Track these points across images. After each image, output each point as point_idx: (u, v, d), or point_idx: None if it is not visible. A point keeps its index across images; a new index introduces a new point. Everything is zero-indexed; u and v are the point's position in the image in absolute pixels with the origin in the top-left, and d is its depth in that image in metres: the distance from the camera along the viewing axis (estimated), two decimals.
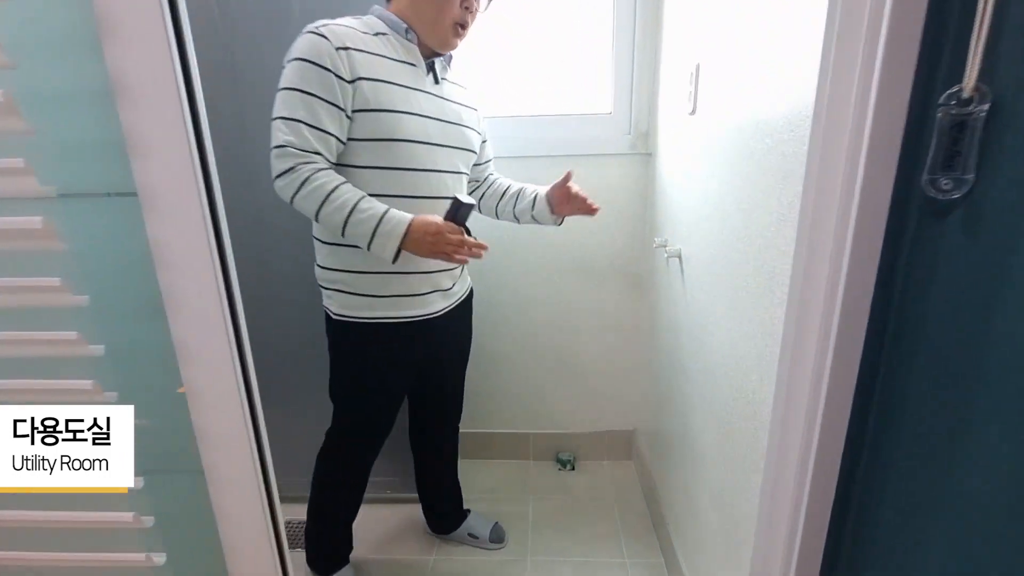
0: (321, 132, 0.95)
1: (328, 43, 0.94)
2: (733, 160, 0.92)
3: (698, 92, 1.13)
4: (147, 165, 0.51)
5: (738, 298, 0.91)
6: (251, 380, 0.62)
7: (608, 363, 1.82)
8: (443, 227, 0.98)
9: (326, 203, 0.96)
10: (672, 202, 1.37)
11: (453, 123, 1.11)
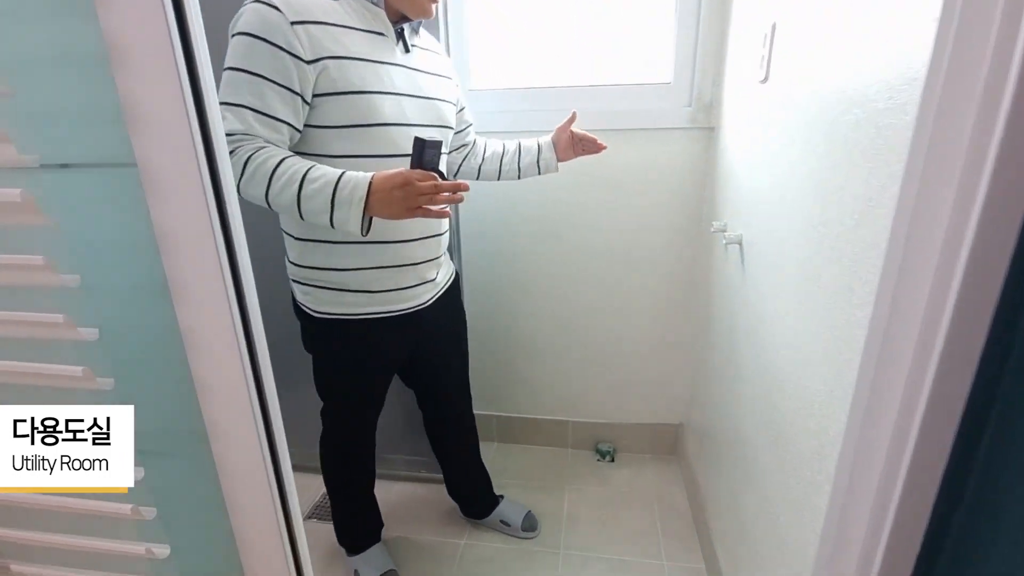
0: (270, 119, 0.83)
1: (280, 15, 0.80)
2: (810, 134, 0.80)
3: (772, 56, 0.99)
4: (146, 137, 0.46)
5: (808, 293, 0.79)
6: (261, 368, 0.58)
7: (655, 352, 1.72)
8: (411, 175, 0.80)
9: (273, 182, 0.81)
10: (735, 183, 1.23)
11: (430, 98, 1.00)
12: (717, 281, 1.37)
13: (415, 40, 1.01)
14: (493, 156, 1.28)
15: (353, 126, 0.89)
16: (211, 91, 0.48)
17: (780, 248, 0.91)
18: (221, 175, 0.49)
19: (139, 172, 0.47)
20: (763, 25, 1.03)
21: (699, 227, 1.55)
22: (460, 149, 1.28)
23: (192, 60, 0.45)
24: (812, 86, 0.80)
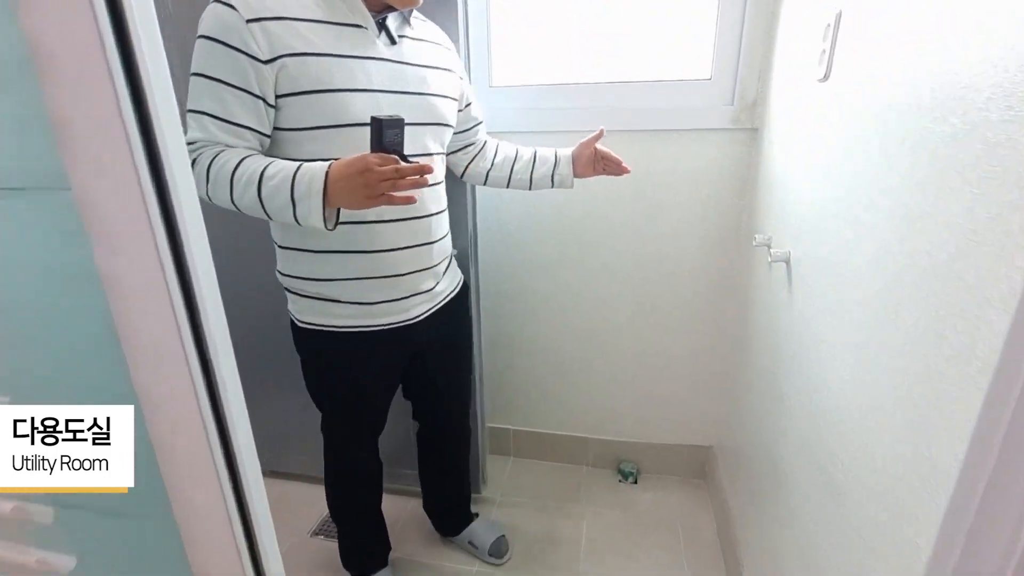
0: (232, 125, 0.79)
1: (236, 14, 0.75)
2: (887, 145, 0.67)
3: (835, 51, 0.86)
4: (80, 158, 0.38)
5: (878, 332, 0.67)
6: (222, 396, 0.49)
7: (684, 369, 1.60)
8: (370, 161, 0.73)
9: (234, 184, 0.77)
10: (782, 192, 1.11)
11: (417, 93, 0.90)
12: (757, 300, 1.25)
13: (405, 31, 0.92)
14: (504, 161, 1.18)
15: (321, 127, 0.82)
16: (162, 104, 0.39)
17: (840, 273, 0.79)
18: (176, 207, 0.40)
19: (74, 198, 0.38)
20: (824, 14, 0.90)
21: (737, 238, 1.42)
22: (466, 149, 1.18)
23: (133, 66, 0.36)
24: (890, 87, 0.68)
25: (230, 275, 1.44)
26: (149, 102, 0.38)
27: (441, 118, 0.96)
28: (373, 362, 1.03)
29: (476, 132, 1.16)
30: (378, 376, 1.07)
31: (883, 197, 0.68)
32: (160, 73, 0.39)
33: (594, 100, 1.38)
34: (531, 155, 1.18)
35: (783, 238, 1.07)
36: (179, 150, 0.41)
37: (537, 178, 1.17)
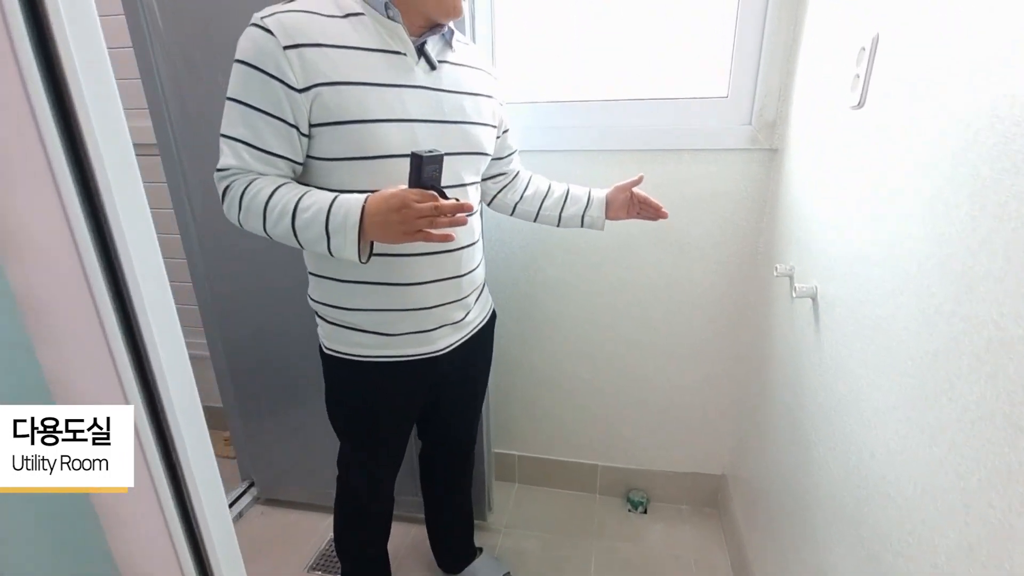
0: (266, 154, 0.78)
1: (273, 40, 0.73)
2: (942, 189, 0.61)
3: (871, 77, 0.79)
4: None
5: (924, 400, 0.61)
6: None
7: (698, 395, 1.53)
8: (408, 196, 0.72)
9: (267, 214, 0.77)
10: (808, 221, 1.04)
11: (453, 122, 0.87)
12: (778, 332, 1.18)
13: (446, 55, 0.88)
14: (534, 196, 1.13)
15: (354, 158, 0.80)
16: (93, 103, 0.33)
17: (880, 327, 0.73)
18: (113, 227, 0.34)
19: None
20: (858, 37, 0.83)
21: (755, 264, 1.36)
22: (496, 178, 1.12)
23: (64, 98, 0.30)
24: (942, 122, 0.61)
25: (255, 300, 1.42)
26: (91, 159, 0.32)
27: (478, 147, 0.92)
28: (395, 393, 1.01)
29: (509, 161, 1.11)
30: (399, 407, 1.04)
31: (935, 248, 0.61)
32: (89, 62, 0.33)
33: (605, 118, 1.32)
34: (563, 192, 1.12)
35: (808, 271, 1.01)
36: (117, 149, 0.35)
37: (566, 217, 1.11)
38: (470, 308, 1.01)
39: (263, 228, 0.79)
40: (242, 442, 1.69)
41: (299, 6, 0.77)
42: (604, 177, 1.33)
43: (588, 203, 1.10)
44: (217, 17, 1.20)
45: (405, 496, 1.50)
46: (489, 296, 1.12)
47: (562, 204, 1.11)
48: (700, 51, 1.26)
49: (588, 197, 1.11)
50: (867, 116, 0.80)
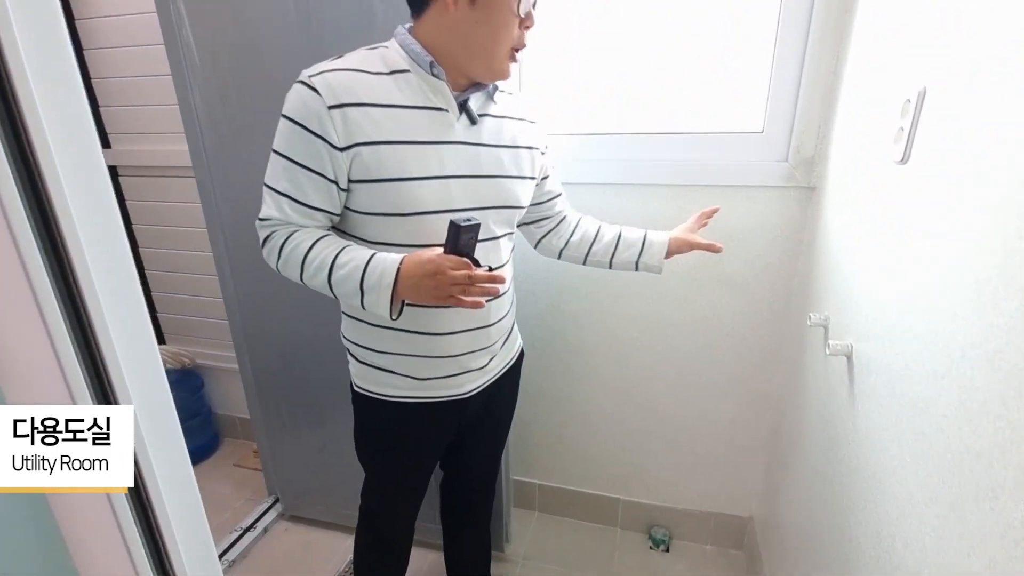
0: (306, 207, 0.81)
1: (319, 100, 0.75)
2: (992, 271, 0.55)
3: (917, 132, 0.73)
4: None
5: (965, 503, 0.56)
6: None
7: (724, 434, 1.48)
8: (443, 263, 0.74)
9: (305, 266, 0.81)
10: (846, 272, 0.98)
11: (490, 176, 0.87)
12: (810, 383, 1.12)
13: (488, 108, 0.89)
14: (581, 241, 1.09)
15: (389, 214, 0.82)
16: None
17: (916, 405, 0.67)
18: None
19: None
20: (902, 89, 0.77)
21: (789, 304, 1.29)
22: (540, 222, 1.10)
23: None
24: (995, 197, 0.55)
25: (282, 318, 1.46)
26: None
27: (512, 201, 0.91)
28: (421, 433, 1.02)
29: (553, 205, 1.08)
30: (425, 446, 1.05)
31: (980, 338, 0.56)
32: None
33: (634, 151, 1.28)
34: (614, 236, 1.07)
35: (844, 325, 0.95)
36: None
37: (619, 262, 1.07)
38: (496, 353, 1.00)
39: (300, 278, 0.83)
40: (268, 456, 1.73)
41: (346, 63, 0.79)
42: (633, 211, 1.30)
43: (643, 248, 1.05)
44: (247, 56, 1.23)
45: (425, 523, 1.51)
46: (518, 337, 1.11)
47: (613, 249, 1.07)
48: (734, 84, 1.21)
49: (643, 242, 1.05)
50: (911, 174, 0.75)
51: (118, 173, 1.85)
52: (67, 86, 0.40)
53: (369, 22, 1.11)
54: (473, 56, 0.81)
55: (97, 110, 1.78)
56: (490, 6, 0.77)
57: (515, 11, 0.77)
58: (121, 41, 1.67)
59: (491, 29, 0.79)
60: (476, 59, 0.81)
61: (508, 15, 0.78)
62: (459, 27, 0.79)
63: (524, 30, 0.80)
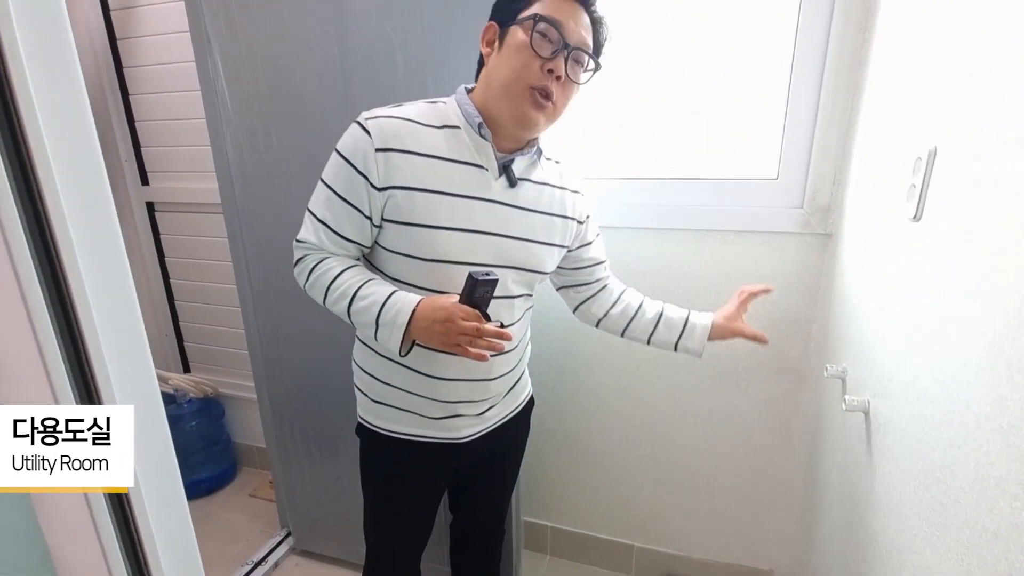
0: (340, 237, 0.86)
1: (369, 141, 0.81)
2: (1004, 342, 0.53)
3: (928, 190, 0.73)
4: None
5: None
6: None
7: (743, 483, 1.43)
8: (454, 312, 0.78)
9: (329, 292, 0.86)
10: (862, 321, 0.96)
11: (517, 238, 0.89)
12: (829, 435, 1.09)
13: (531, 173, 0.91)
14: (621, 316, 1.08)
15: (412, 257, 0.86)
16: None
17: (933, 474, 0.65)
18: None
19: None
20: (913, 146, 0.77)
21: (807, 350, 1.27)
22: (579, 288, 1.09)
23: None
24: (1008, 269, 0.54)
25: (300, 353, 1.49)
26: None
27: (536, 265, 0.93)
28: (418, 471, 1.03)
29: (592, 272, 1.07)
30: (422, 485, 1.05)
31: (994, 412, 0.54)
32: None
33: (648, 196, 1.29)
34: (655, 314, 1.06)
35: (861, 380, 0.92)
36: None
37: (657, 341, 1.06)
38: (495, 404, 1.01)
39: (323, 301, 0.88)
40: (282, 488, 1.74)
41: (402, 112, 0.84)
42: (649, 254, 1.31)
43: (684, 331, 1.04)
44: (276, 103, 1.30)
45: (434, 564, 1.49)
46: (527, 386, 1.10)
47: (652, 329, 1.05)
48: (749, 131, 1.22)
49: (685, 324, 1.04)
50: (924, 232, 0.73)
51: (154, 208, 1.94)
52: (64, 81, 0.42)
53: (391, 72, 1.17)
54: (499, 99, 0.83)
55: (139, 151, 1.88)
56: (510, 44, 0.81)
57: (529, 46, 0.79)
58: (162, 88, 1.77)
59: (511, 68, 0.81)
60: (501, 102, 0.83)
61: (525, 52, 0.80)
62: (492, 72, 0.84)
63: (547, 73, 0.80)
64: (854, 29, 1.05)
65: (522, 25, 0.80)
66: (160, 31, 1.72)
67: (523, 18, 0.80)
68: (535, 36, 0.79)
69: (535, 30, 0.79)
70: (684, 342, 1.04)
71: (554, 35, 0.79)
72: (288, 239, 0.98)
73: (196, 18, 1.30)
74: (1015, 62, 0.55)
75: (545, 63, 0.80)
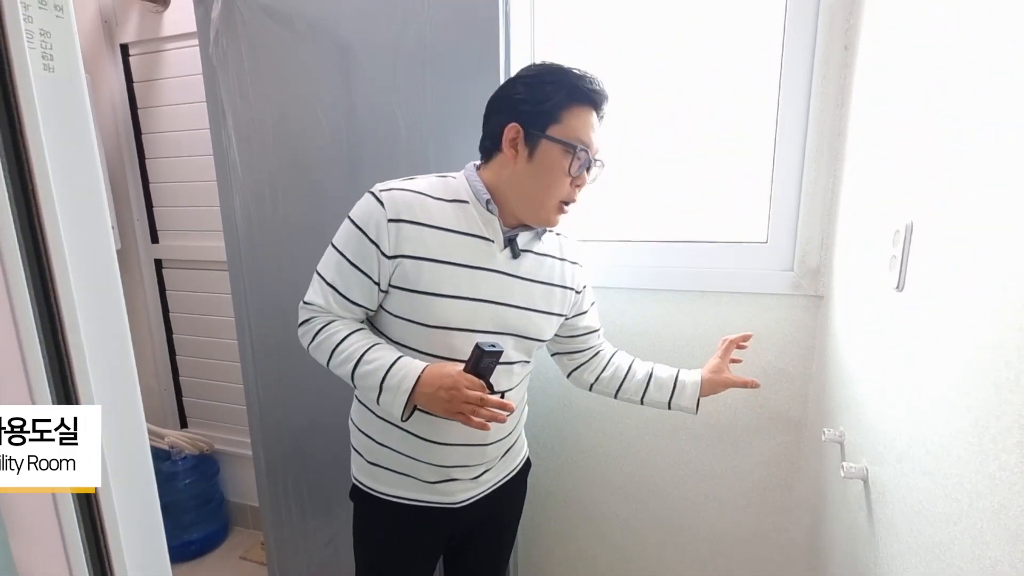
0: (347, 301, 0.89)
1: (382, 211, 0.85)
2: (989, 418, 0.54)
3: (909, 262, 0.75)
4: None
5: None
6: None
7: (747, 550, 1.39)
8: (459, 380, 0.80)
9: (334, 354, 0.87)
10: (856, 386, 0.96)
11: (517, 307, 0.93)
12: (830, 502, 1.07)
13: (533, 245, 0.96)
14: (612, 378, 1.10)
15: (415, 322, 0.88)
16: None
17: (933, 551, 0.64)
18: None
19: None
20: (892, 219, 0.80)
21: (805, 411, 1.26)
22: (573, 355, 1.12)
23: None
24: (983, 341, 0.56)
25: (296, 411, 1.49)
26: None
27: (534, 333, 0.96)
28: (412, 536, 1.01)
29: (586, 340, 1.10)
30: (417, 549, 1.03)
31: (985, 489, 0.54)
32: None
33: (638, 258, 1.32)
34: (645, 375, 1.08)
35: (858, 444, 0.92)
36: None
37: (650, 402, 1.08)
38: (491, 467, 1.01)
39: (326, 363, 0.89)
40: (274, 550, 1.69)
41: (415, 186, 0.88)
42: (641, 314, 1.32)
43: (675, 390, 1.05)
44: (285, 169, 1.36)
45: None
46: (523, 447, 1.11)
47: (643, 389, 1.07)
48: (736, 196, 1.26)
49: (675, 382, 1.06)
50: (907, 302, 0.75)
51: (162, 265, 1.99)
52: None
53: (394, 144, 1.23)
54: (525, 204, 0.89)
55: (151, 210, 1.95)
56: (544, 163, 0.85)
57: (567, 171, 0.86)
58: (176, 152, 1.86)
59: (543, 184, 0.87)
60: (527, 207, 0.89)
61: (560, 173, 0.86)
62: (517, 177, 0.88)
63: (575, 187, 0.88)
64: (832, 104, 1.11)
65: (560, 147, 0.84)
66: (178, 101, 1.82)
67: (559, 140, 0.84)
68: (574, 165, 0.85)
69: (575, 159, 0.85)
70: (676, 400, 1.05)
71: (586, 157, 0.86)
72: (290, 297, 1.00)
73: (213, 90, 1.38)
74: (984, 136, 0.59)
75: (575, 180, 0.87)
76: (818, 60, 1.10)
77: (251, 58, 1.32)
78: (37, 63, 0.35)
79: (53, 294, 0.48)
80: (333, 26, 1.25)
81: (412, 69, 1.19)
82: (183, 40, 1.76)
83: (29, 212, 0.42)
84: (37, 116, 0.36)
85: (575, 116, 0.84)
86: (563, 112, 0.84)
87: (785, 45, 1.13)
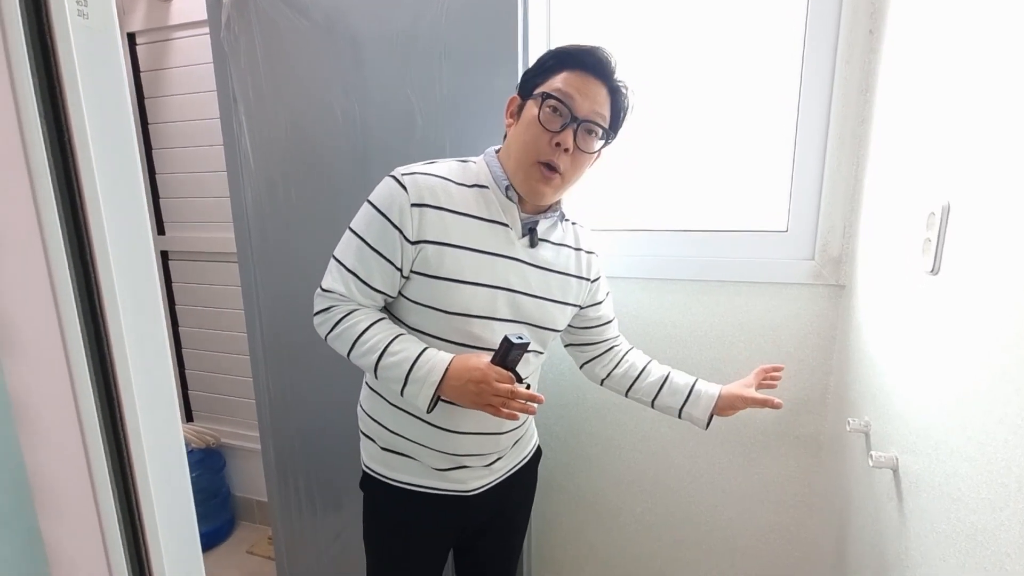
0: (369, 288, 0.87)
1: (405, 195, 0.83)
2: None
3: (945, 244, 0.73)
4: None
5: None
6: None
7: (766, 546, 1.37)
8: (488, 373, 0.79)
9: (356, 345, 0.86)
10: (883, 373, 0.95)
11: (533, 296, 0.92)
12: (854, 496, 1.05)
13: (551, 235, 0.95)
14: (624, 376, 1.08)
15: (434, 308, 0.87)
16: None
17: (975, 536, 0.62)
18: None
19: None
20: (925, 202, 0.78)
21: (825, 404, 1.24)
22: (585, 347, 1.09)
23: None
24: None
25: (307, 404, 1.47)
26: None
27: (549, 323, 0.94)
28: (424, 524, 1.00)
29: (601, 332, 1.07)
30: (428, 538, 1.02)
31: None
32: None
33: (658, 247, 1.30)
34: (660, 377, 1.05)
35: (886, 434, 0.90)
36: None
37: (661, 406, 1.06)
38: (504, 455, 1.00)
39: (347, 354, 0.87)
40: (282, 544, 1.67)
41: (436, 170, 0.87)
42: (657, 305, 1.30)
43: (689, 398, 1.02)
44: (297, 158, 1.34)
45: None
46: (534, 435, 1.10)
47: (656, 392, 1.05)
48: (756, 184, 1.24)
49: (690, 392, 1.03)
50: (943, 285, 0.74)
51: (168, 257, 1.97)
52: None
53: (410, 133, 1.21)
54: (513, 171, 0.87)
55: (157, 202, 1.93)
56: (524, 119, 0.86)
57: (537, 120, 0.83)
58: (183, 143, 1.84)
59: (521, 141, 0.85)
60: (515, 174, 0.87)
61: (535, 127, 0.84)
62: (509, 144, 0.88)
63: (555, 147, 0.83)
64: (855, 90, 1.09)
65: (534, 100, 0.84)
66: (185, 91, 1.80)
67: (536, 94, 0.84)
68: (543, 112, 0.83)
69: (543, 106, 0.83)
70: (688, 409, 1.02)
71: (564, 110, 0.83)
72: (302, 289, 0.98)
73: (223, 77, 1.36)
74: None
75: (554, 137, 0.83)
76: (841, 45, 1.08)
77: (263, 45, 1.30)
78: (73, 7, 0.34)
79: (91, 260, 0.48)
80: (348, 14, 1.23)
81: (428, 59, 1.17)
82: (191, 28, 1.74)
83: (65, 163, 0.41)
84: (74, 61, 0.35)
85: (561, 78, 0.83)
86: (553, 76, 0.84)
87: (808, 30, 1.12)
